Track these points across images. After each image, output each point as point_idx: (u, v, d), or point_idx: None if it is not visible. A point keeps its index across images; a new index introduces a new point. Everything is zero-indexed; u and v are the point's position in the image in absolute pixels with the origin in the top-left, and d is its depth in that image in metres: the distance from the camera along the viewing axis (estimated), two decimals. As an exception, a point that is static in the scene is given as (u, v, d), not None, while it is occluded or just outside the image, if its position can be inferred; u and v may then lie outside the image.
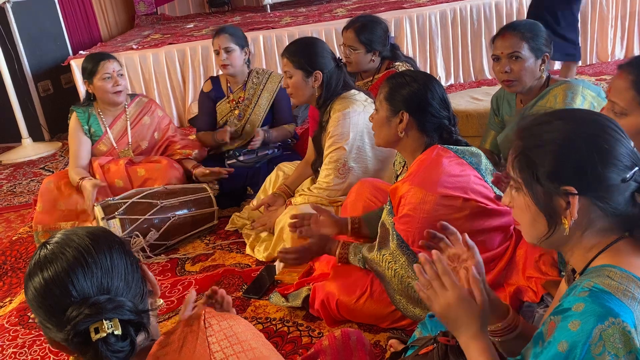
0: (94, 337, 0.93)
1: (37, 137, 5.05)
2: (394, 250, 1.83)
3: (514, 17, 5.11)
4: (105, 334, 0.93)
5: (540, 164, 1.06)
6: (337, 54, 2.64)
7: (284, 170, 2.92)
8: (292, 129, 3.37)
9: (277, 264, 2.45)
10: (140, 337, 0.99)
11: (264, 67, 4.80)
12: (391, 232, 1.85)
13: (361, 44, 2.91)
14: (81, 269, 0.97)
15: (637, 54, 5.27)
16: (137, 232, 2.67)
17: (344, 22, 3.17)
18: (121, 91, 3.01)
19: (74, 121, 3.06)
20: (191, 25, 6.26)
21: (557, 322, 0.98)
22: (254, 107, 3.25)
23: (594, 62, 5.40)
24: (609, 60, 5.35)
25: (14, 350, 2.19)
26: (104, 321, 0.93)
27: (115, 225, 2.65)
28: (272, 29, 5.10)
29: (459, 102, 3.58)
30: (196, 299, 1.50)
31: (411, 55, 4.89)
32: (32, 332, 2.29)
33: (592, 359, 0.93)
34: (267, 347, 1.04)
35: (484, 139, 2.66)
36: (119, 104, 3.06)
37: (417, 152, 1.86)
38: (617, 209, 1.04)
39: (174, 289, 2.47)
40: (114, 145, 3.10)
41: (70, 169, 3.03)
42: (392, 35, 4.01)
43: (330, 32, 5.00)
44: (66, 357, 2.08)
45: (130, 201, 2.73)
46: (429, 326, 1.59)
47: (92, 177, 2.95)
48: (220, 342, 0.96)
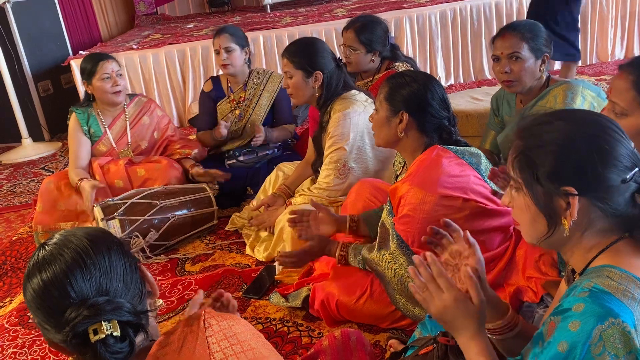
0: (93, 338, 0.93)
1: (37, 137, 5.06)
2: (394, 250, 1.83)
3: (514, 17, 5.11)
4: (104, 335, 0.93)
5: (540, 164, 1.06)
6: (337, 54, 2.64)
7: (284, 170, 2.92)
8: (292, 129, 3.38)
9: (277, 264, 2.44)
10: (139, 338, 0.99)
11: (264, 67, 4.80)
12: (391, 232, 1.85)
13: (361, 44, 2.91)
14: (80, 270, 0.97)
15: (637, 54, 5.27)
16: (137, 233, 2.67)
17: (344, 22, 3.16)
18: (120, 91, 3.00)
19: (73, 122, 3.06)
20: (191, 25, 6.26)
21: (557, 323, 0.98)
22: (255, 107, 3.25)
23: (594, 62, 5.39)
24: (609, 60, 5.35)
25: (14, 350, 2.20)
26: (103, 322, 0.93)
27: (114, 225, 2.65)
28: (272, 29, 5.10)
29: (459, 102, 3.58)
30: (203, 300, 1.50)
31: (411, 55, 4.89)
32: (32, 332, 2.29)
33: (592, 359, 0.93)
34: (266, 347, 1.04)
35: (484, 139, 2.66)
36: (118, 104, 3.06)
37: (416, 153, 1.86)
38: (617, 209, 1.04)
39: (173, 289, 2.47)
40: (114, 145, 3.10)
41: (69, 169, 3.03)
42: (392, 35, 4.01)
43: (330, 32, 5.00)
44: (66, 358, 2.08)
45: (129, 202, 2.73)
46: (429, 326, 1.59)
47: (90, 178, 2.95)
48: (220, 343, 0.96)
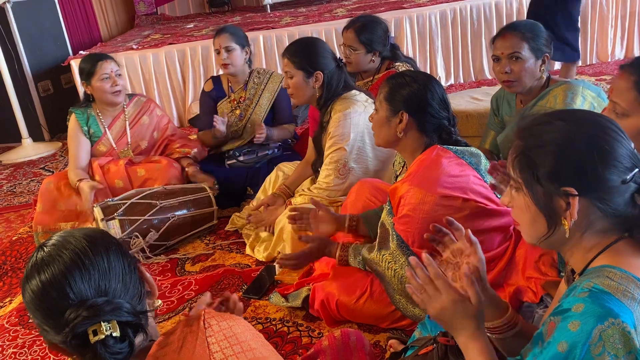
0: (92, 339, 0.93)
1: (37, 137, 5.05)
2: (394, 250, 1.83)
3: (514, 17, 5.10)
4: (103, 336, 0.93)
5: (540, 164, 1.05)
6: (337, 54, 2.64)
7: (284, 170, 2.92)
8: (292, 129, 3.38)
9: (276, 264, 2.44)
10: (138, 338, 0.99)
11: (264, 67, 4.80)
12: (391, 232, 1.85)
13: (361, 44, 2.91)
14: (78, 271, 0.97)
15: (637, 54, 5.27)
16: (137, 233, 2.67)
17: (344, 22, 3.16)
18: (120, 91, 3.00)
19: (73, 123, 3.06)
20: (191, 25, 6.25)
21: (556, 323, 0.98)
22: (255, 107, 3.25)
23: (594, 62, 5.39)
24: (609, 60, 5.35)
25: (14, 350, 2.20)
26: (102, 323, 0.93)
27: (114, 226, 2.65)
28: (272, 29, 5.10)
29: (459, 102, 3.57)
30: (209, 302, 1.49)
31: (411, 55, 4.89)
32: (32, 332, 2.29)
33: (591, 359, 0.93)
34: (266, 347, 1.04)
35: (484, 139, 2.66)
36: (117, 104, 3.06)
37: (416, 153, 1.86)
38: (617, 210, 1.04)
39: (173, 289, 2.47)
40: (114, 145, 3.10)
41: (69, 170, 3.03)
42: (392, 35, 4.01)
43: (330, 32, 5.00)
44: (65, 359, 2.08)
45: (129, 202, 2.73)
46: (429, 326, 1.59)
47: (89, 179, 2.95)
48: (219, 343, 0.96)
